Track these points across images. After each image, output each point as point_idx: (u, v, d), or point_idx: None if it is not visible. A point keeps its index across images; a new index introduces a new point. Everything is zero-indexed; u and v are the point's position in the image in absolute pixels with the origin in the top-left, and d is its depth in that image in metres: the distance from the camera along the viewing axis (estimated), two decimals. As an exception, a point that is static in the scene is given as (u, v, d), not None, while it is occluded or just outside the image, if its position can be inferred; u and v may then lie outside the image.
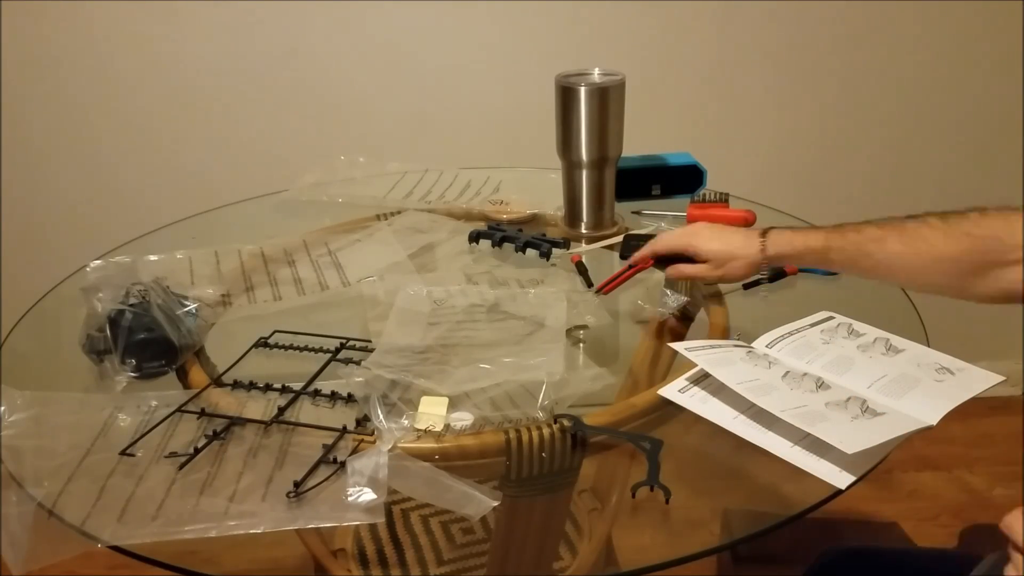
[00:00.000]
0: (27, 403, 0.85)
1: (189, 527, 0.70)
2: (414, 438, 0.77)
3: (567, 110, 1.15)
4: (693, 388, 0.85)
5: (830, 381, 0.84)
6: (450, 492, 0.73)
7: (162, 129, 1.82)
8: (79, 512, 0.72)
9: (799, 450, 0.76)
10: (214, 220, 1.36)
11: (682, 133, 1.89)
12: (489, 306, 1.02)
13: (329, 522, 0.70)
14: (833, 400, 0.80)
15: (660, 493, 0.72)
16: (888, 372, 0.85)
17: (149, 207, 1.83)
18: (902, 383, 0.84)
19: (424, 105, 1.83)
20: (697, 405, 0.83)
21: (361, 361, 0.91)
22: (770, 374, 0.84)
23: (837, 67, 1.88)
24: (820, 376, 0.84)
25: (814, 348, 0.90)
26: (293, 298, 1.08)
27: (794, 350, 0.90)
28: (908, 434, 0.75)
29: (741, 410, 0.81)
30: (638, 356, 1.00)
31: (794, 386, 0.82)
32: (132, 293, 0.94)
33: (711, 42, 1.83)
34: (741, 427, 0.79)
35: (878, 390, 0.83)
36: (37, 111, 1.78)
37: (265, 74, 1.79)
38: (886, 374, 0.85)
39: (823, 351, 0.90)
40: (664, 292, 1.04)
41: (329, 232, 1.26)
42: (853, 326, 0.95)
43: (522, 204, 1.31)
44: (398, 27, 1.77)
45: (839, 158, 1.96)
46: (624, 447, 0.80)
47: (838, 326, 0.95)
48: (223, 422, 0.83)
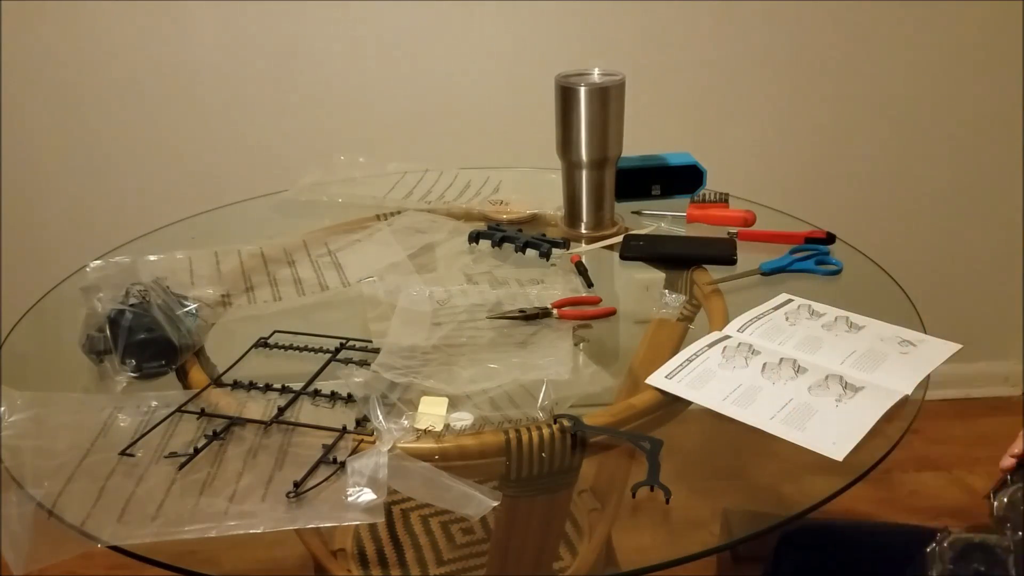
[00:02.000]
0: (27, 403, 0.85)
1: (189, 527, 0.70)
2: (414, 438, 0.77)
3: (567, 110, 1.15)
4: (680, 373, 0.88)
5: (805, 362, 0.88)
6: (450, 492, 0.73)
7: (162, 129, 1.82)
8: (79, 512, 0.72)
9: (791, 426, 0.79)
10: (214, 220, 1.36)
11: (682, 133, 1.89)
12: (491, 305, 1.02)
13: (329, 522, 0.70)
14: (815, 383, 0.85)
15: (660, 493, 0.72)
16: (856, 348, 0.91)
17: (149, 207, 1.83)
18: (871, 358, 0.89)
19: (424, 105, 1.83)
20: (685, 391, 0.85)
21: (361, 361, 0.91)
22: (750, 373, 0.87)
23: (837, 67, 1.88)
24: (795, 358, 0.89)
25: (782, 330, 0.95)
26: (293, 298, 1.08)
27: (764, 332, 0.95)
28: (889, 410, 0.80)
29: (730, 390, 0.84)
30: (638, 356, 1.00)
31: (775, 379, 0.86)
32: (132, 293, 0.94)
33: (711, 42, 1.83)
34: (732, 408, 0.82)
35: (851, 365, 0.88)
36: (37, 111, 1.78)
37: (265, 74, 1.79)
38: (855, 350, 0.90)
39: (791, 332, 0.95)
40: (664, 292, 1.05)
41: (329, 232, 1.26)
42: (812, 307, 1.00)
43: (522, 204, 1.31)
44: (398, 27, 1.77)
45: (839, 158, 1.96)
46: (624, 447, 0.80)
47: (799, 307, 1.00)
48: (223, 422, 0.83)
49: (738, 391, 0.84)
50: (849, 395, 0.83)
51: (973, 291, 2.05)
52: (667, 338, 1.01)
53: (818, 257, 1.12)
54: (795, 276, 1.10)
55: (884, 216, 2.01)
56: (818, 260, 1.12)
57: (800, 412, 0.80)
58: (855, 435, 0.77)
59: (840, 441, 0.76)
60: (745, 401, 0.83)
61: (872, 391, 0.83)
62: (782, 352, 0.90)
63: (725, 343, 0.93)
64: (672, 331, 1.02)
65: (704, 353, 0.91)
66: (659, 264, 1.15)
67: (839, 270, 1.10)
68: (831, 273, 1.10)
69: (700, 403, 0.83)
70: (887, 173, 1.99)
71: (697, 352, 0.91)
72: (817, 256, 1.12)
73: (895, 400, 0.82)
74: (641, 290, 1.11)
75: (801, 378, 0.86)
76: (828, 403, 0.82)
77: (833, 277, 1.09)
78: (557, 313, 0.99)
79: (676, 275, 1.12)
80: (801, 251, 1.14)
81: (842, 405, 0.81)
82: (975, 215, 2.04)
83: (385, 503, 0.71)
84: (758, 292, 1.06)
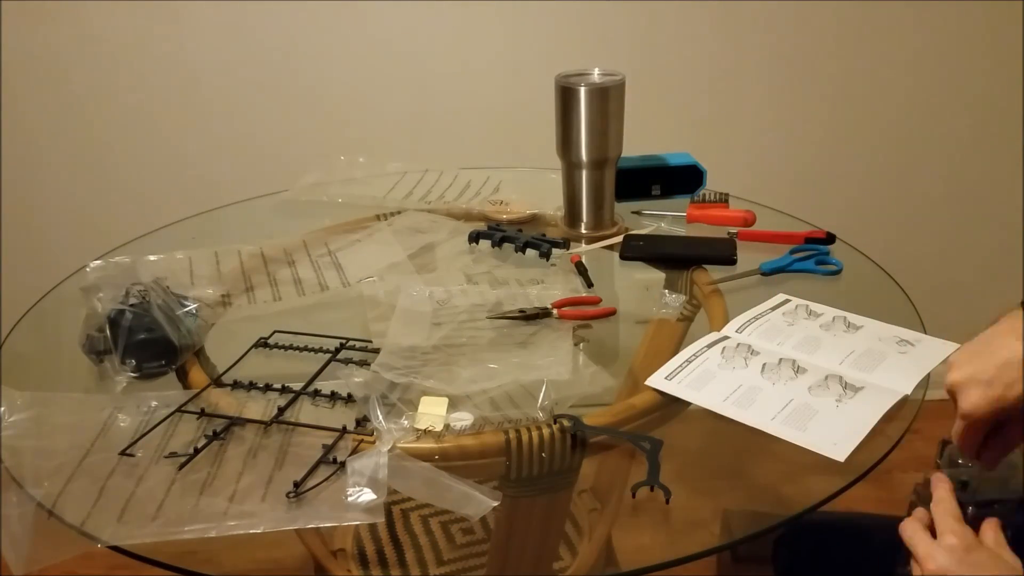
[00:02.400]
0: (27, 403, 0.85)
1: (189, 527, 0.70)
2: (414, 438, 0.77)
3: (567, 110, 1.15)
4: (679, 374, 0.87)
5: (805, 362, 0.88)
6: (450, 492, 0.73)
7: (162, 129, 1.82)
8: (79, 512, 0.72)
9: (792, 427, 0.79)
10: (214, 220, 1.36)
11: (682, 133, 1.89)
12: (491, 306, 1.02)
13: (329, 522, 0.70)
14: (814, 383, 0.85)
15: (660, 493, 0.72)
16: (855, 348, 0.91)
17: (149, 207, 1.83)
18: (870, 357, 0.89)
19: (424, 105, 1.83)
20: (685, 392, 0.85)
21: (361, 361, 0.91)
22: (749, 373, 0.87)
23: (837, 67, 1.88)
24: (794, 358, 0.89)
25: (781, 330, 0.95)
26: (293, 298, 1.08)
27: (763, 333, 0.95)
28: (890, 409, 0.80)
29: (730, 391, 0.84)
30: (638, 356, 1.00)
31: (775, 379, 0.86)
32: (132, 293, 0.94)
33: (711, 42, 1.83)
34: (732, 409, 0.82)
35: (850, 365, 0.88)
36: (37, 111, 1.78)
37: (265, 74, 1.79)
38: (854, 350, 0.90)
39: (790, 332, 0.95)
40: (664, 292, 1.05)
41: (329, 232, 1.26)
42: (810, 307, 1.00)
43: (522, 204, 1.31)
44: (398, 27, 1.77)
45: (839, 158, 1.96)
46: (624, 447, 0.80)
47: (796, 307, 1.00)
48: (223, 422, 0.83)
49: (738, 392, 0.84)
50: (849, 395, 0.83)
51: (973, 291, 2.05)
52: (667, 338, 1.01)
53: (818, 257, 1.12)
54: (795, 276, 1.10)
55: (884, 216, 2.01)
56: (818, 260, 1.12)
57: (801, 412, 0.80)
58: (857, 436, 0.77)
59: (841, 442, 0.76)
60: (746, 402, 0.83)
61: (872, 391, 0.83)
62: (781, 352, 0.90)
63: (724, 343, 0.93)
64: (672, 331, 1.02)
65: (704, 354, 0.91)
66: (659, 264, 1.15)
67: (839, 270, 1.10)
68: (831, 273, 1.10)
69: (700, 404, 0.83)
70: (887, 173, 1.99)
71: (697, 353, 0.91)
72: (817, 256, 1.12)
73: (895, 400, 0.82)
74: (641, 290, 1.11)
75: (801, 378, 0.86)
76: (828, 403, 0.82)
77: (833, 277, 1.09)
78: (557, 313, 0.99)
79: (676, 275, 1.12)
80: (801, 251, 1.14)
81: (842, 405, 0.81)
82: (975, 215, 2.04)
83: (385, 503, 0.71)
84: (758, 292, 1.06)
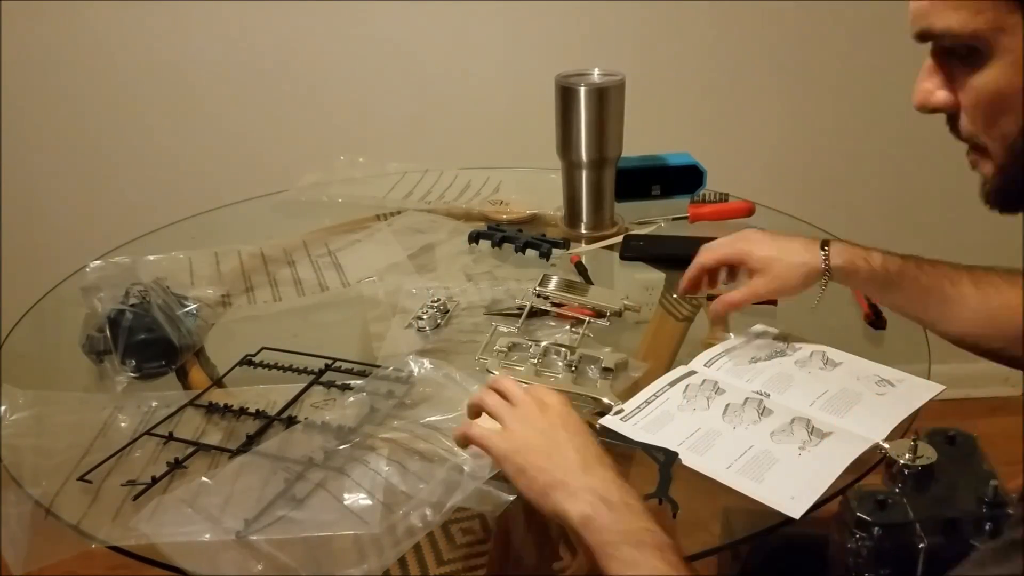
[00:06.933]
0: (27, 403, 0.85)
1: (186, 529, 0.70)
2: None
3: (567, 110, 1.15)
4: (636, 416, 0.82)
5: (773, 403, 0.82)
6: (466, 491, 0.71)
7: (162, 129, 1.82)
8: (77, 512, 0.72)
9: (748, 477, 0.74)
10: (214, 220, 1.36)
11: (682, 133, 1.88)
12: (491, 305, 1.02)
13: (326, 531, 0.70)
14: (778, 427, 0.79)
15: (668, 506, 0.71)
16: (829, 387, 0.84)
17: (149, 207, 1.82)
18: (844, 399, 0.83)
19: (424, 105, 1.83)
20: (640, 434, 0.79)
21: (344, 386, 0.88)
22: (710, 415, 0.81)
23: (837, 67, 1.87)
24: (761, 399, 0.83)
25: (752, 366, 0.89)
26: (293, 299, 1.08)
27: (732, 368, 0.89)
28: (856, 458, 0.75)
29: (687, 434, 0.79)
30: (638, 356, 1.00)
31: (736, 422, 0.80)
32: (132, 293, 0.94)
33: (711, 42, 1.83)
34: (688, 455, 0.76)
35: (821, 407, 0.82)
36: (37, 111, 1.78)
37: (265, 74, 1.79)
38: (827, 390, 0.84)
39: (761, 368, 0.89)
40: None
41: (329, 232, 1.26)
42: (789, 338, 0.94)
43: (522, 204, 1.31)
44: (398, 27, 1.77)
45: (839, 158, 1.96)
46: (624, 448, 0.80)
47: (774, 339, 0.94)
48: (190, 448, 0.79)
49: (695, 436, 0.78)
50: (814, 442, 0.76)
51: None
52: (667, 338, 1.01)
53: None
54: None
55: (884, 216, 2.01)
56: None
57: (759, 461, 0.75)
58: (815, 490, 0.71)
59: (799, 496, 0.71)
60: (702, 447, 0.77)
61: (840, 437, 0.77)
62: (748, 391, 0.84)
63: (689, 380, 0.87)
64: (672, 331, 1.02)
65: (665, 392, 0.85)
66: (659, 264, 1.15)
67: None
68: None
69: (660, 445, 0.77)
70: (888, 173, 1.98)
71: (657, 392, 0.85)
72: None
73: (863, 449, 0.76)
74: (641, 290, 1.11)
75: (765, 421, 0.80)
76: (791, 451, 0.75)
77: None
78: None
79: (676, 275, 1.12)
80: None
81: (805, 453, 0.75)
82: (975, 216, 2.03)
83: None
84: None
